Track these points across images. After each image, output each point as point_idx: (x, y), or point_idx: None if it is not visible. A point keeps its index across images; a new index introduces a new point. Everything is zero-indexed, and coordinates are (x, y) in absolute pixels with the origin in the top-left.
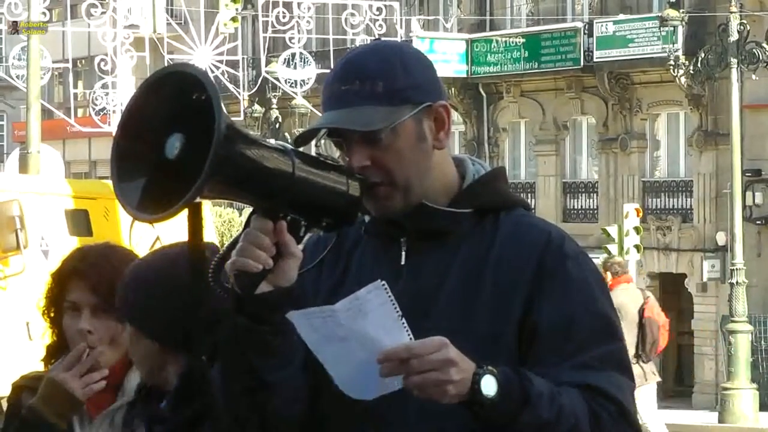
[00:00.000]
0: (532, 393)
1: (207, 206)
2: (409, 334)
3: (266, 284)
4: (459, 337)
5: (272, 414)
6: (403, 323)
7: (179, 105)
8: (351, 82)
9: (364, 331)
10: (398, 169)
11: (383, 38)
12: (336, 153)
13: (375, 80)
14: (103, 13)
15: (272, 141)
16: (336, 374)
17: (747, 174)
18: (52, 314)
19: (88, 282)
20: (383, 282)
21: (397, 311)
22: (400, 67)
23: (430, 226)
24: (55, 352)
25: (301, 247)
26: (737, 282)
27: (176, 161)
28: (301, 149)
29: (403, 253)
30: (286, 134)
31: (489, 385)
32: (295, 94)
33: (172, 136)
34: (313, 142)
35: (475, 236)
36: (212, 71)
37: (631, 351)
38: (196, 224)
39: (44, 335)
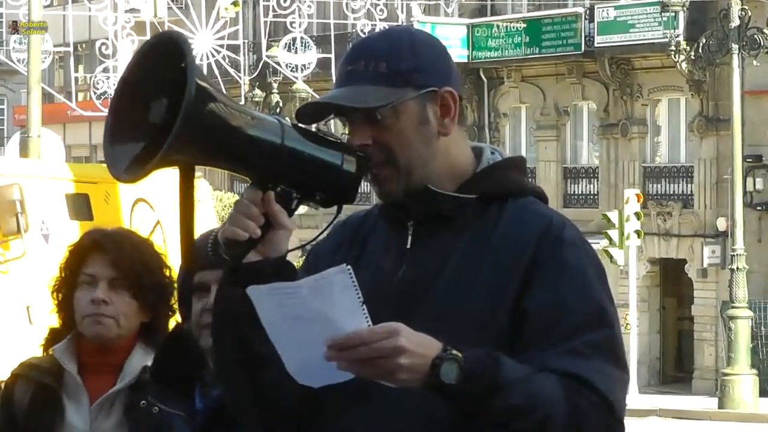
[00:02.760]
0: (502, 379)
1: (208, 191)
2: (368, 321)
3: (256, 254)
4: (452, 321)
5: (265, 387)
6: (364, 310)
7: (169, 72)
8: (356, 62)
9: (324, 313)
10: (399, 149)
11: (387, 23)
12: (343, 131)
13: (378, 61)
14: None
15: (262, 114)
16: (287, 357)
17: (748, 160)
18: (62, 294)
19: (109, 255)
20: (348, 266)
21: (360, 298)
22: (407, 50)
23: (433, 210)
24: (59, 336)
25: (325, 228)
26: (737, 267)
27: (162, 126)
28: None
29: (410, 237)
30: (287, 118)
31: (450, 371)
32: (296, 78)
33: (158, 101)
34: (325, 121)
35: (479, 223)
36: (213, 56)
37: None
38: (186, 190)
39: (51, 313)
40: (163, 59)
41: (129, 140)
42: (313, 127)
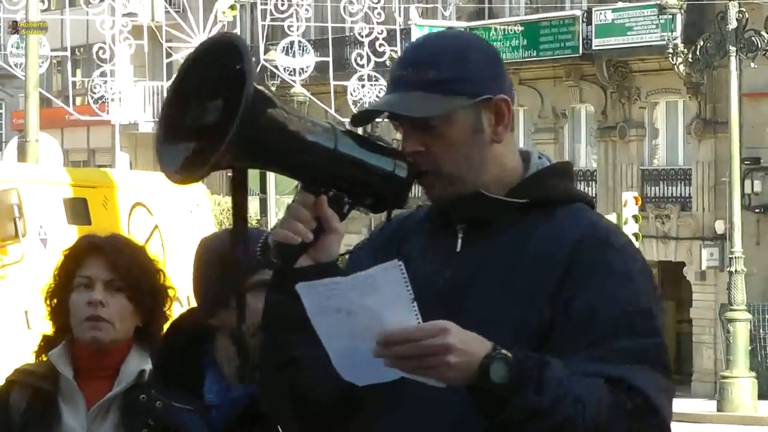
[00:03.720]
0: (548, 380)
1: (206, 195)
2: (417, 319)
3: (307, 258)
4: (491, 326)
5: (301, 390)
6: (414, 306)
7: (225, 74)
8: (409, 67)
9: (372, 308)
10: (450, 157)
11: (384, 26)
12: (395, 135)
13: (430, 68)
14: (101, 1)
15: (317, 117)
16: (334, 353)
17: (746, 162)
18: (57, 299)
19: (106, 258)
20: (400, 262)
21: (410, 293)
22: (459, 57)
23: (480, 214)
24: (53, 342)
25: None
26: (736, 270)
27: (216, 127)
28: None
29: (459, 240)
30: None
31: (499, 370)
32: (294, 82)
33: (212, 102)
34: (376, 123)
35: (526, 228)
36: None
37: None
38: (240, 191)
39: (45, 318)
40: (219, 61)
41: (181, 140)
42: (360, 130)
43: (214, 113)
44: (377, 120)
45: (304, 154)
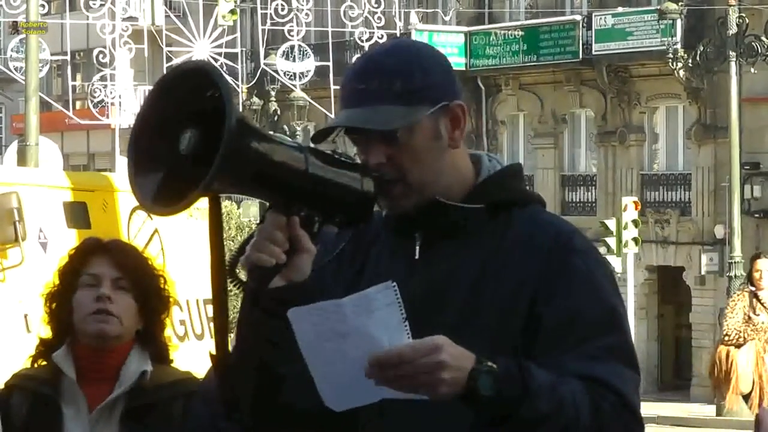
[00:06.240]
0: (532, 386)
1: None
2: (409, 338)
3: (280, 279)
4: (467, 332)
5: (284, 407)
6: (406, 326)
7: (195, 102)
8: (369, 80)
9: (365, 330)
10: (414, 167)
11: (385, 31)
12: (353, 150)
13: (393, 79)
14: (101, 5)
15: (286, 138)
16: (319, 377)
17: (745, 167)
18: (58, 301)
19: (112, 257)
20: (394, 283)
21: (403, 314)
22: (418, 67)
23: (440, 221)
24: (50, 347)
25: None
26: (735, 275)
27: (191, 156)
28: (317, 145)
29: (417, 248)
30: (285, 127)
31: (486, 382)
32: (294, 86)
33: (186, 131)
34: (331, 138)
35: (487, 232)
36: None
37: None
38: (216, 218)
39: (43, 321)
40: (190, 89)
41: (156, 171)
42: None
43: (189, 143)
44: (335, 136)
45: (280, 178)
